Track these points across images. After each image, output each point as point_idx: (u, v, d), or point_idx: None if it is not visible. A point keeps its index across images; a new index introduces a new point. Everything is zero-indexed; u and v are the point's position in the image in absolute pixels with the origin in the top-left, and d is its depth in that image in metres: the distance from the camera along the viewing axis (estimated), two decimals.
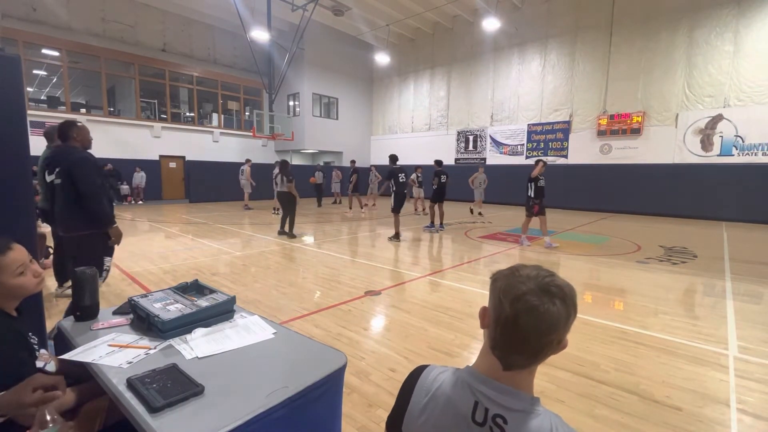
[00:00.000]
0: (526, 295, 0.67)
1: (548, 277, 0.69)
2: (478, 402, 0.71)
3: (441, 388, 0.77)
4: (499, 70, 16.71)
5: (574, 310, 0.68)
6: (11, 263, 1.27)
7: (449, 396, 0.75)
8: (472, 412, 0.71)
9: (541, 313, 0.65)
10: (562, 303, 0.67)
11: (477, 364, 0.76)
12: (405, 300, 4.10)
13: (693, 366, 2.73)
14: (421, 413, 0.77)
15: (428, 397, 0.77)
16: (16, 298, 1.32)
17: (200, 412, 1.00)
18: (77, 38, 13.86)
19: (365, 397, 2.29)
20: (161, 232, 8.56)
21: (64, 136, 2.89)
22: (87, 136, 3.00)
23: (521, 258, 6.35)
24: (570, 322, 0.68)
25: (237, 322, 1.57)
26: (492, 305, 0.72)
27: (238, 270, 5.24)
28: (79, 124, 2.97)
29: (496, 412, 0.69)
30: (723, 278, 5.16)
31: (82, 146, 2.94)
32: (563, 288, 0.68)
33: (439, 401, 0.76)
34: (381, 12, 16.74)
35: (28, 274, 1.31)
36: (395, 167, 7.69)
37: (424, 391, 0.79)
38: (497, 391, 0.70)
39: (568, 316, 0.67)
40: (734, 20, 11.38)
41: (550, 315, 0.66)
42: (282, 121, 17.35)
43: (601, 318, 3.64)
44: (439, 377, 0.79)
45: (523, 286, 0.68)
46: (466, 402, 0.72)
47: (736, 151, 11.53)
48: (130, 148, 15.04)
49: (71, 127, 2.91)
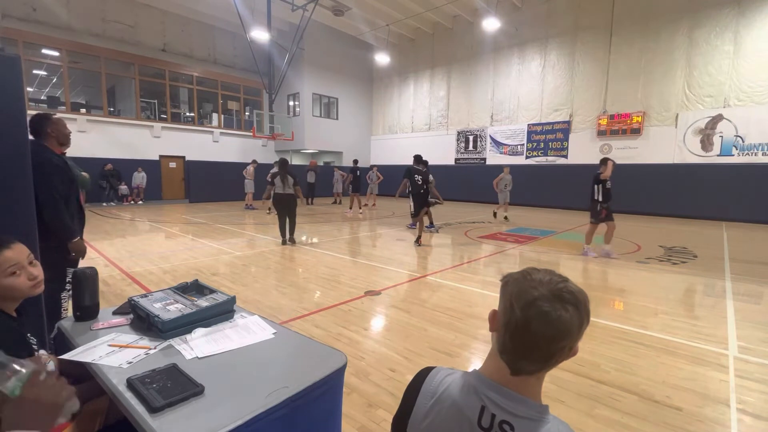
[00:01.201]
0: (538, 301, 0.65)
1: (561, 282, 0.68)
2: (485, 407, 0.70)
3: (447, 391, 0.76)
4: (499, 70, 16.71)
5: (587, 317, 0.67)
6: (3, 262, 1.23)
7: (455, 400, 0.73)
8: (479, 417, 0.70)
9: (552, 320, 0.64)
10: (575, 310, 0.65)
11: (484, 369, 0.75)
12: (405, 300, 4.10)
13: (693, 366, 2.73)
14: (426, 416, 0.76)
15: (434, 400, 0.76)
16: (10, 299, 1.28)
17: (200, 412, 1.00)
18: (77, 38, 13.87)
19: (365, 397, 2.29)
20: (161, 232, 8.56)
21: (38, 132, 2.47)
22: (63, 130, 2.58)
23: (521, 258, 6.35)
24: (582, 329, 0.67)
25: (237, 322, 1.57)
26: (502, 309, 0.71)
27: (238, 270, 5.24)
28: (54, 117, 2.57)
29: (503, 418, 0.68)
30: (723, 278, 5.16)
31: (57, 143, 2.57)
32: (576, 294, 0.67)
33: (445, 404, 0.74)
34: (381, 12, 16.74)
35: (22, 276, 1.27)
36: (413, 167, 7.27)
37: (429, 393, 0.78)
38: (505, 397, 0.69)
39: (581, 323, 0.66)
40: (734, 20, 11.39)
41: (562, 322, 0.64)
42: (282, 121, 17.37)
43: (601, 318, 3.64)
44: (445, 380, 0.78)
45: (535, 291, 0.66)
46: (472, 406, 0.71)
47: (736, 151, 11.54)
48: (130, 148, 15.05)
49: (45, 122, 2.49)
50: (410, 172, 7.21)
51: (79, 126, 13.59)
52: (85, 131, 13.81)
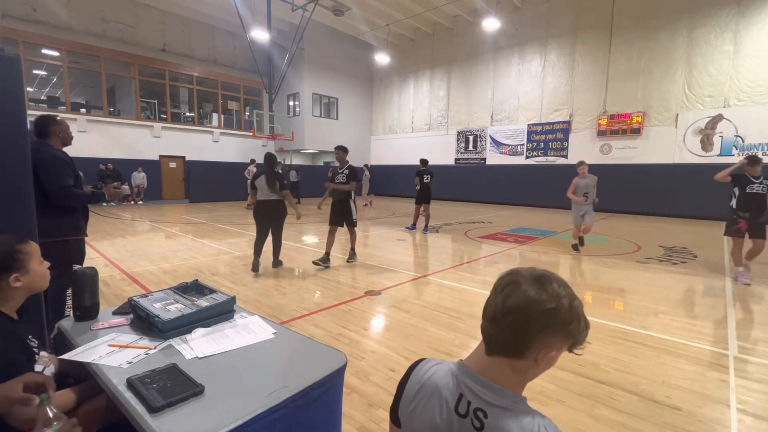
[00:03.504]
0: (517, 276, 0.71)
1: (550, 274, 0.71)
2: (463, 394, 0.73)
3: (432, 378, 0.80)
4: (499, 70, 16.71)
5: (566, 315, 0.67)
6: (35, 250, 1.34)
7: (437, 386, 0.78)
8: (456, 404, 0.73)
9: (519, 290, 0.68)
10: (551, 297, 0.66)
11: (468, 358, 0.79)
12: (405, 300, 4.10)
13: (693, 366, 2.73)
14: (412, 401, 0.81)
15: (419, 386, 0.81)
16: (34, 290, 1.35)
17: (200, 412, 1.00)
18: (77, 38, 13.86)
19: (365, 397, 2.29)
20: (161, 232, 8.56)
21: (43, 133, 2.56)
22: (67, 131, 2.70)
23: (521, 258, 6.34)
24: (559, 325, 0.67)
25: (237, 322, 1.57)
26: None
27: (239, 270, 5.24)
28: (59, 118, 2.67)
29: (477, 406, 0.71)
30: (723, 278, 5.16)
31: (62, 143, 2.64)
32: (560, 286, 0.68)
33: (428, 391, 0.79)
34: (381, 12, 16.74)
35: (44, 264, 1.39)
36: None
37: (416, 380, 0.83)
38: (480, 386, 0.72)
39: (556, 313, 0.66)
40: (734, 20, 11.38)
41: (526, 295, 0.67)
42: (282, 121, 17.37)
43: (601, 318, 3.64)
44: (432, 369, 0.82)
45: (519, 271, 0.72)
46: (451, 393, 0.75)
47: (736, 151, 11.52)
48: (130, 148, 15.04)
49: (50, 123, 2.58)
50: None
51: (79, 126, 13.58)
52: (85, 131, 13.80)
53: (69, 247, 2.59)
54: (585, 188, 6.54)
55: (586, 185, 6.55)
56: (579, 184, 6.59)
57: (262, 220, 5.17)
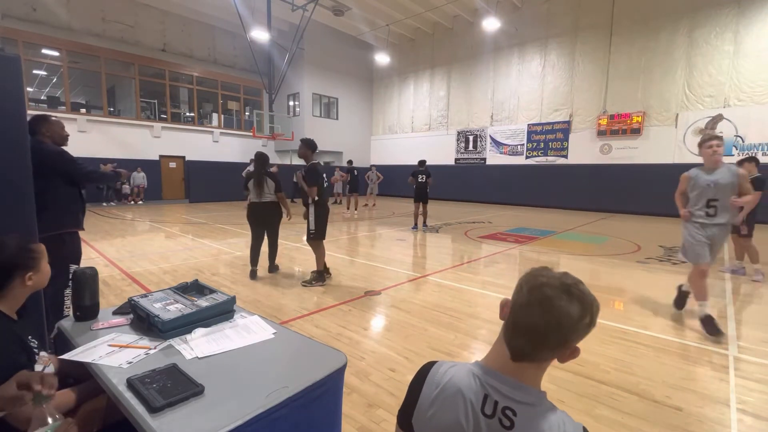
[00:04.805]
0: (545, 287, 0.70)
1: (574, 280, 0.72)
2: (488, 395, 0.73)
3: (451, 381, 0.78)
4: (499, 70, 16.71)
5: (591, 320, 0.69)
6: (45, 250, 1.37)
7: (459, 388, 0.76)
8: (482, 405, 0.73)
9: (554, 306, 0.68)
10: (579, 306, 0.68)
11: (486, 359, 0.79)
12: (405, 300, 4.10)
13: (693, 366, 2.73)
14: (431, 405, 0.78)
15: (438, 390, 0.79)
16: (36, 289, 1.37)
17: (200, 412, 1.00)
18: (77, 38, 13.86)
19: (365, 397, 2.29)
20: (161, 232, 8.56)
21: (33, 132, 2.57)
22: (61, 131, 2.72)
23: (521, 258, 6.34)
24: (583, 330, 0.69)
25: (237, 322, 1.57)
26: (513, 293, 0.76)
27: (239, 270, 5.23)
28: (53, 119, 2.69)
29: (505, 405, 0.71)
30: (723, 278, 5.16)
31: (53, 142, 2.66)
32: (585, 294, 0.70)
33: (449, 393, 0.77)
34: (381, 12, 16.74)
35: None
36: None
37: (434, 384, 0.80)
38: (506, 385, 0.72)
39: (582, 319, 0.68)
40: (734, 20, 11.38)
41: (562, 311, 0.67)
42: (282, 121, 17.36)
43: (601, 318, 3.60)
44: (449, 371, 0.81)
45: (544, 279, 0.71)
46: (475, 394, 0.74)
47: (736, 151, 11.52)
48: (130, 148, 15.04)
49: (39, 122, 2.60)
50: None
51: (79, 126, 13.59)
52: (85, 131, 13.81)
53: (66, 244, 2.62)
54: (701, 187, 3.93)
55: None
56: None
57: (255, 223, 4.93)
